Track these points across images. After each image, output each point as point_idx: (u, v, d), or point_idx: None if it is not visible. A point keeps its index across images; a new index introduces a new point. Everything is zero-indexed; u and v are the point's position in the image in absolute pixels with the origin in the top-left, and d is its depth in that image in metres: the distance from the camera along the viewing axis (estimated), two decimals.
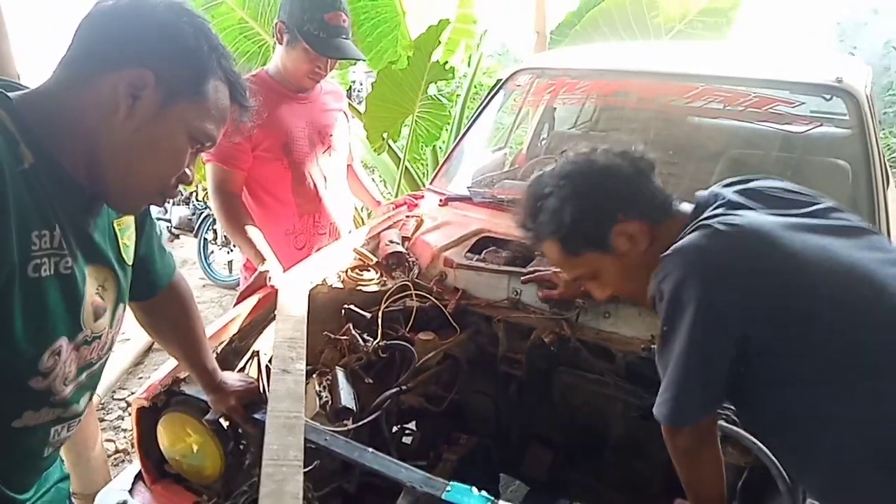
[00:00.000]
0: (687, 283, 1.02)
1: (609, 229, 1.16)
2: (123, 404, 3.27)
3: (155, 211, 5.15)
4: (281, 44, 2.05)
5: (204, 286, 4.65)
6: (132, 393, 3.36)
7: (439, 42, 3.28)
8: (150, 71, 0.86)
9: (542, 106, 2.91)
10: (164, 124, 0.89)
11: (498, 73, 4.13)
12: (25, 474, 1.03)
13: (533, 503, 1.92)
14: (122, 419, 3.15)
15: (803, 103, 2.15)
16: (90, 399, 1.07)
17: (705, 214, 1.12)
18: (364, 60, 2.20)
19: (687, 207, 1.22)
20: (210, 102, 0.92)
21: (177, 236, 4.99)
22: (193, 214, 4.83)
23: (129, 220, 1.07)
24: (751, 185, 1.20)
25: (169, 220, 4.94)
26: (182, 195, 4.97)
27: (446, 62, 3.52)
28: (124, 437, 3.00)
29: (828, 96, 2.13)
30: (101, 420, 3.18)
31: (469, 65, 4.30)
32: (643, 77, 2.38)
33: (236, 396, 1.40)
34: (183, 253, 4.96)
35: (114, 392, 3.39)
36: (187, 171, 0.95)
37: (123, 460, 2.86)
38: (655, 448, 1.72)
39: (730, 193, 1.16)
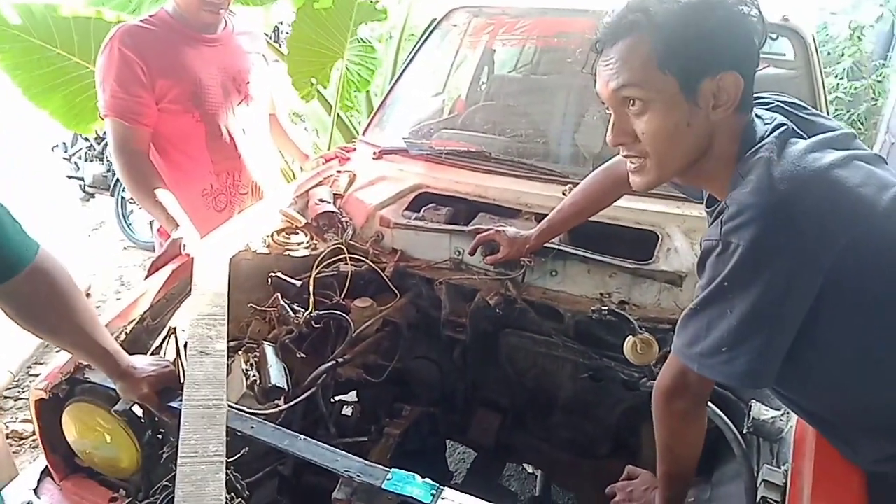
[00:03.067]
0: (770, 241, 0.87)
1: (705, 75, 0.94)
2: (31, 381, 3.02)
3: (66, 168, 4.77)
4: None
5: (125, 249, 4.35)
6: (37, 375, 3.11)
7: None
8: None
9: (480, 48, 2.73)
10: None
11: (433, 13, 3.92)
12: None
13: (481, 468, 1.86)
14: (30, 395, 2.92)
15: None
16: None
17: (767, 142, 0.95)
18: None
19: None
20: None
21: (91, 195, 4.62)
22: (109, 171, 4.46)
23: None
24: (777, 102, 1.07)
25: (82, 179, 4.56)
26: (95, 150, 4.59)
27: (377, 1, 3.28)
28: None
29: (774, 36, 2.05)
30: (16, 399, 2.95)
31: (400, 2, 4.05)
32: (586, 15, 2.24)
33: (148, 383, 1.24)
34: (99, 214, 4.61)
35: (29, 367, 3.15)
36: None
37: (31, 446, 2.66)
38: (605, 409, 1.69)
39: (779, 116, 1.02)
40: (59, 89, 2.47)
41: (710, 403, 1.24)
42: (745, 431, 1.22)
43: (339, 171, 2.09)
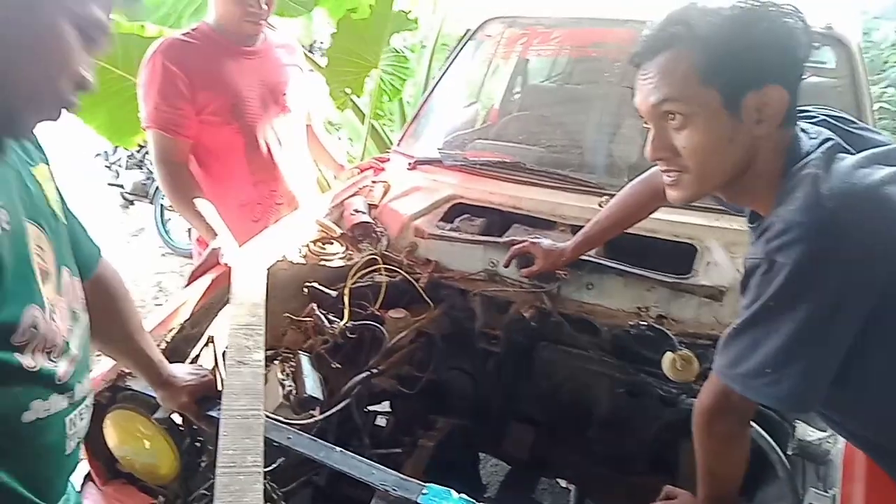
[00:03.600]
0: (818, 261, 0.85)
1: (749, 89, 0.91)
2: None
3: (107, 176, 4.89)
4: None
5: (163, 255, 4.44)
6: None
7: None
8: None
9: (514, 57, 2.73)
10: (37, 12, 0.74)
11: (467, 23, 3.93)
12: (53, 476, 0.92)
13: (514, 482, 1.85)
14: None
15: None
16: (90, 380, 0.96)
17: (814, 157, 0.92)
18: None
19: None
20: None
21: (131, 203, 4.74)
22: (148, 179, 4.57)
23: (46, 173, 0.92)
24: (822, 116, 1.04)
25: (121, 186, 4.68)
26: (135, 158, 4.71)
27: (410, 11, 3.31)
28: None
29: (816, 45, 2.01)
30: None
31: (434, 13, 4.07)
32: (621, 25, 2.22)
33: (188, 392, 1.27)
34: (138, 220, 4.71)
35: None
36: (84, 72, 0.80)
37: None
38: (642, 425, 1.65)
39: (825, 131, 0.99)
40: (103, 103, 2.55)
41: (752, 423, 1.21)
42: (789, 453, 1.19)
43: (373, 182, 2.11)
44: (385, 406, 1.81)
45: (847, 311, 0.86)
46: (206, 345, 1.52)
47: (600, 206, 1.76)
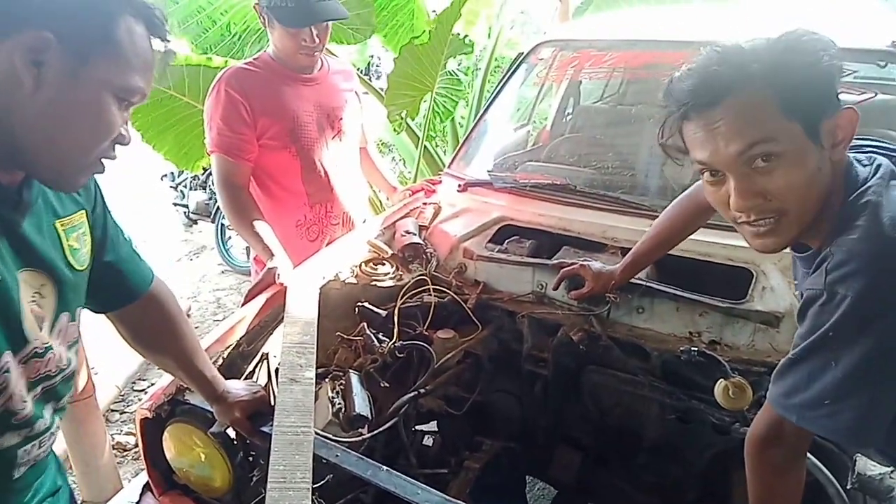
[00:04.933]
0: (882, 293, 0.84)
1: (824, 116, 0.90)
2: (143, 396, 3.22)
3: (172, 196, 5.12)
4: (265, 26, 1.94)
5: (223, 272, 4.59)
6: (152, 384, 3.32)
7: (460, 15, 3.12)
8: (49, 30, 0.74)
9: (566, 80, 2.74)
10: (81, 88, 0.78)
11: (519, 46, 3.96)
12: None
13: None
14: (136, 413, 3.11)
15: (856, 71, 1.95)
16: (56, 410, 0.99)
17: (873, 185, 0.91)
18: (346, 18, 2.01)
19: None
20: (126, 49, 0.80)
21: (194, 222, 4.94)
22: (210, 199, 4.76)
23: (77, 220, 0.96)
24: (871, 146, 1.02)
25: (186, 206, 4.88)
26: (199, 179, 4.91)
27: (466, 35, 3.36)
28: None
29: (882, 63, 1.94)
30: (122, 412, 3.15)
31: (489, 37, 4.12)
32: (674, 47, 2.20)
33: (241, 408, 1.31)
34: (201, 239, 4.91)
35: (133, 383, 3.36)
36: (122, 131, 0.84)
37: None
38: (693, 453, 1.61)
39: (878, 157, 0.97)
40: (171, 129, 2.69)
41: (809, 454, 1.17)
42: (848, 487, 1.14)
43: (424, 204, 2.14)
44: (432, 426, 1.83)
45: None
46: (260, 361, 1.57)
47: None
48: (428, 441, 1.71)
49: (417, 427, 1.70)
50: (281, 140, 1.97)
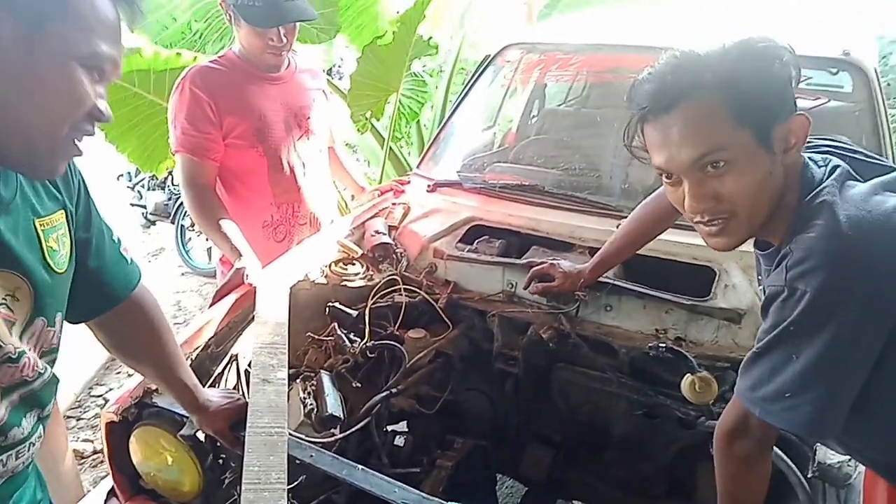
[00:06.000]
0: (839, 288, 0.87)
1: (776, 122, 0.93)
2: (101, 401, 3.14)
3: (129, 196, 4.98)
4: (232, 24, 1.91)
5: (183, 275, 4.49)
6: (110, 389, 3.23)
7: (424, 16, 3.12)
8: None
9: (531, 83, 2.77)
10: (40, 59, 0.73)
11: (484, 48, 3.99)
12: None
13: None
14: (100, 417, 3.02)
15: (810, 78, 2.04)
16: (41, 418, 0.94)
17: (827, 185, 0.94)
18: (314, 19, 2.01)
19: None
20: (86, 14, 0.76)
21: (152, 223, 4.81)
22: (170, 200, 4.65)
23: (57, 220, 0.92)
24: (827, 147, 1.07)
25: (144, 206, 4.76)
26: (157, 180, 4.80)
27: (431, 37, 3.37)
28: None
29: (834, 70, 2.03)
30: (78, 419, 3.06)
31: (452, 38, 4.14)
32: (638, 51, 2.25)
33: (224, 417, 1.29)
34: (159, 240, 4.79)
35: (90, 389, 3.26)
36: (99, 105, 0.80)
37: (102, 461, 2.74)
38: (660, 447, 1.65)
39: (833, 158, 1.01)
40: (135, 129, 2.62)
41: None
42: (809, 476, 1.18)
43: (393, 204, 2.14)
44: (403, 426, 1.83)
45: (866, 338, 0.87)
46: (229, 363, 1.55)
47: (618, 227, 1.78)
48: (399, 441, 1.71)
49: (389, 427, 1.70)
50: (247, 139, 1.95)
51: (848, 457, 1.16)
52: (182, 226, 4.54)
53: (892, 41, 4.82)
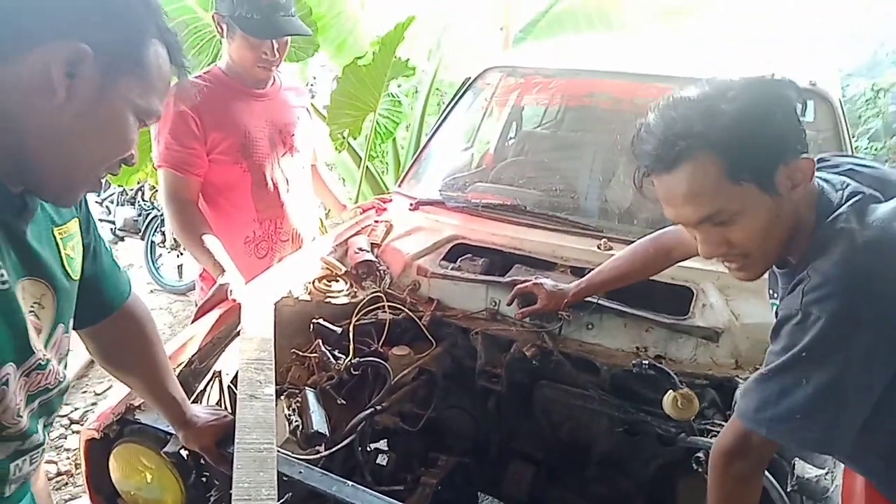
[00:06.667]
0: (853, 316, 0.89)
1: (777, 166, 0.93)
2: (66, 421, 3.05)
3: (97, 212, 4.89)
4: (223, 37, 1.92)
5: (151, 292, 4.40)
6: (75, 409, 3.15)
7: (403, 38, 3.17)
8: (85, 42, 0.73)
9: (510, 105, 2.83)
10: (107, 105, 0.77)
11: (459, 70, 4.05)
12: None
13: None
14: (65, 438, 2.94)
15: None
16: (46, 426, 0.95)
17: (844, 212, 0.96)
18: (309, 35, 2.06)
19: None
20: (153, 72, 0.80)
21: (121, 239, 4.72)
22: (139, 215, 4.58)
23: (73, 229, 0.94)
24: (849, 165, 1.08)
25: (113, 222, 4.67)
26: (127, 195, 4.72)
27: (408, 59, 3.42)
28: (67, 458, 2.79)
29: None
30: None
31: (429, 59, 4.20)
32: (617, 77, 2.33)
33: (212, 433, 1.28)
34: (128, 257, 4.69)
35: None
36: (133, 151, 0.85)
37: (67, 483, 2.66)
38: (640, 464, 1.68)
39: (854, 183, 1.02)
40: None
41: None
42: (788, 490, 1.22)
43: (376, 221, 2.15)
44: (384, 444, 1.82)
45: (879, 363, 0.90)
46: (212, 379, 1.53)
47: (599, 247, 1.83)
48: (382, 460, 1.71)
49: (372, 445, 1.69)
50: (232, 155, 1.94)
51: (825, 470, 1.20)
52: (152, 242, 4.47)
53: (849, 74, 5.05)
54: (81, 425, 2.97)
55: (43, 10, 0.73)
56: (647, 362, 1.50)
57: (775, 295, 1.23)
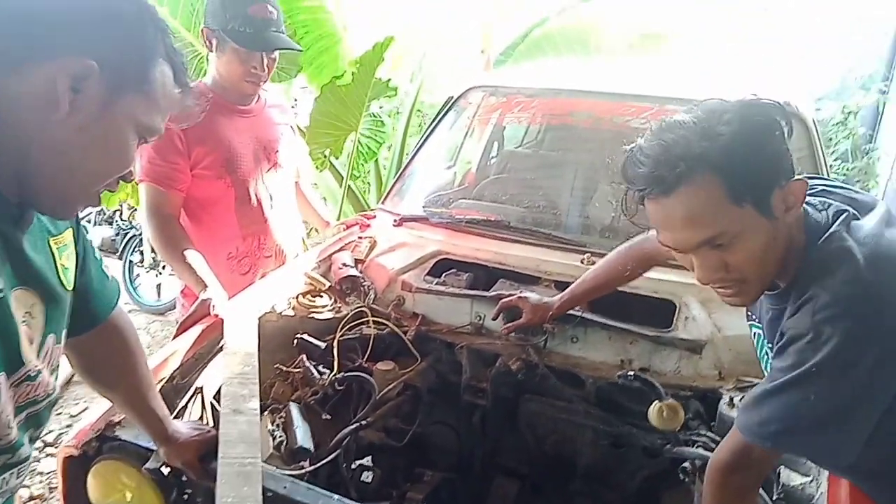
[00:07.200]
0: (865, 335, 0.90)
1: (773, 189, 0.94)
2: (39, 444, 2.97)
3: None
4: (211, 51, 1.93)
5: (129, 312, 4.32)
6: (49, 431, 3.06)
7: (383, 59, 3.21)
8: (93, 59, 0.74)
9: (492, 124, 2.86)
10: (111, 120, 0.78)
11: (440, 92, 4.11)
12: None
13: None
14: (38, 461, 2.86)
15: None
16: (31, 439, 0.93)
17: (837, 230, 0.97)
18: (300, 50, 2.10)
19: None
20: (157, 91, 0.82)
21: None
22: (117, 235, 4.52)
23: (67, 238, 0.94)
24: (821, 186, 1.10)
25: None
26: (105, 214, 4.66)
27: (389, 80, 3.45)
28: (40, 482, 2.72)
29: None
30: None
31: (412, 81, 4.25)
32: (597, 97, 2.37)
33: (194, 449, 1.25)
34: None
35: None
36: (132, 168, 0.86)
37: None
38: (625, 477, 1.68)
39: (834, 202, 1.04)
40: None
41: None
42: (775, 498, 1.23)
43: (359, 238, 2.15)
44: (368, 460, 1.80)
45: (887, 377, 0.92)
46: (194, 395, 1.51)
47: (582, 262, 1.84)
48: (367, 477, 1.69)
49: (357, 461, 1.67)
50: (215, 170, 1.94)
51: (809, 478, 1.21)
52: (130, 261, 4.41)
53: (819, 98, 5.19)
54: (55, 447, 2.90)
55: (58, 24, 0.74)
56: (632, 373, 1.51)
57: (753, 317, 1.25)
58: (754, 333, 1.27)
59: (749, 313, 1.26)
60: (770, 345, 1.13)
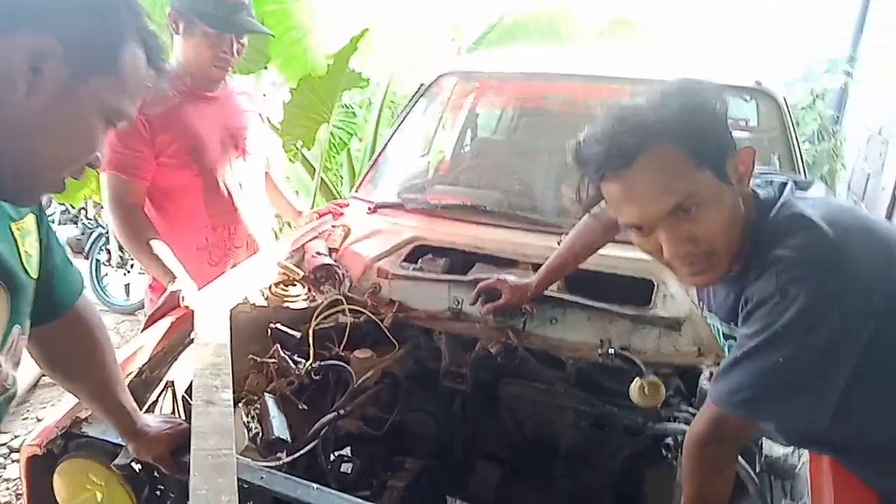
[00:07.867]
0: (830, 292, 0.90)
1: (726, 155, 0.96)
2: (5, 450, 2.87)
3: None
4: (178, 34, 1.87)
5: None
6: (15, 437, 2.97)
7: (356, 48, 3.17)
8: (55, 39, 0.70)
9: (465, 110, 2.83)
10: (75, 104, 0.74)
11: (411, 83, 4.06)
12: None
13: None
14: (4, 468, 2.77)
15: None
16: None
17: (786, 199, 0.99)
18: (272, 35, 2.10)
19: None
20: (127, 75, 0.78)
21: None
22: (83, 234, 4.41)
23: (30, 225, 0.89)
24: (763, 171, 1.11)
25: None
26: (70, 213, 4.54)
27: (362, 71, 3.41)
28: (7, 488, 2.63)
29: (748, 98, 2.18)
30: None
31: (382, 72, 4.19)
32: (570, 80, 2.35)
33: (166, 442, 1.20)
34: None
35: None
36: (98, 153, 0.82)
37: None
38: (607, 456, 1.68)
39: (768, 175, 1.06)
40: None
41: None
42: (758, 470, 1.22)
43: (333, 226, 2.11)
44: (347, 451, 1.76)
45: (854, 334, 0.92)
46: (164, 389, 1.46)
47: (558, 244, 1.82)
48: (346, 468, 1.65)
49: (335, 452, 1.64)
50: (181, 158, 1.88)
51: (791, 448, 1.21)
52: (97, 261, 4.30)
53: (787, 83, 5.27)
54: None
55: None
56: (612, 350, 1.50)
57: (702, 305, 1.25)
58: (711, 326, 1.27)
59: (702, 304, 1.26)
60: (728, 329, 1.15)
